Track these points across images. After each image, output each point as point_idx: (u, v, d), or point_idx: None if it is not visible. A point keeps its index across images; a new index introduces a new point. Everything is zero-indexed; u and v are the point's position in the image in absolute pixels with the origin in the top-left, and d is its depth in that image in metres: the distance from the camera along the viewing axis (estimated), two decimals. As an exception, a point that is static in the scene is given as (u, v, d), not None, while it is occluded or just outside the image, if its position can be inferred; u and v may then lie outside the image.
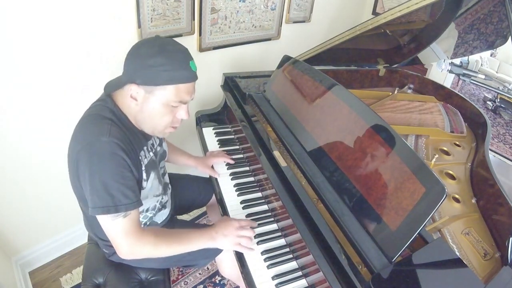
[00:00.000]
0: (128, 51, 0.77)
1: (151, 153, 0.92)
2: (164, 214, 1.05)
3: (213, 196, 1.31)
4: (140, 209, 0.86)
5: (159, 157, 0.99)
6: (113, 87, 0.82)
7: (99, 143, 0.73)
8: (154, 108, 0.79)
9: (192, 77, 0.79)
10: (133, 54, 0.76)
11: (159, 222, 1.04)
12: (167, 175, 1.09)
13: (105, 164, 0.74)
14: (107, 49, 1.28)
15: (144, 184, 0.88)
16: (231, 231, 0.92)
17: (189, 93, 0.81)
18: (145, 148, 0.89)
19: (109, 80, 0.87)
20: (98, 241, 1.01)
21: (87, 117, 0.81)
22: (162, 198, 1.01)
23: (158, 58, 0.73)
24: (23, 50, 1.09)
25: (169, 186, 1.09)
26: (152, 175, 0.91)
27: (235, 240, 0.91)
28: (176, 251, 0.87)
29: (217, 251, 1.03)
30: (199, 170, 1.22)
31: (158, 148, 0.98)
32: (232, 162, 1.23)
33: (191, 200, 1.29)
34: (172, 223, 1.10)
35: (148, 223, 1.00)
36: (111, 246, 0.97)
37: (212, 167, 1.22)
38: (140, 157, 0.85)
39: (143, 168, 0.86)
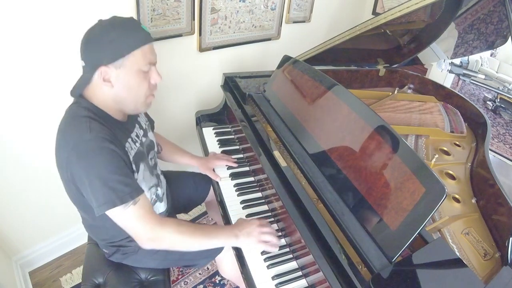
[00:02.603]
0: (81, 45, 0.77)
1: (137, 144, 0.91)
2: (161, 207, 1.04)
3: (211, 193, 1.30)
4: None
5: (147, 148, 0.98)
6: (80, 86, 0.81)
7: (83, 142, 0.73)
8: (129, 80, 0.79)
9: (149, 36, 0.81)
10: (88, 42, 0.76)
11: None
12: (158, 166, 1.08)
13: (96, 160, 0.73)
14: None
15: (135, 175, 0.86)
16: (254, 229, 0.92)
17: (153, 52, 0.83)
18: (129, 140, 0.88)
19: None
20: (98, 241, 1.01)
21: (64, 121, 0.80)
22: (157, 190, 1.00)
23: (112, 32, 0.74)
24: (22, 51, 1.09)
25: (161, 178, 1.08)
26: (142, 166, 0.90)
27: (259, 238, 0.91)
28: (199, 242, 0.86)
29: (217, 251, 1.03)
30: (201, 172, 1.22)
31: (144, 139, 0.97)
32: (235, 165, 1.22)
33: (188, 197, 1.28)
34: None
35: None
36: (112, 246, 0.98)
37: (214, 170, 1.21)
38: (126, 149, 0.84)
39: (131, 159, 0.85)
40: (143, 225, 0.79)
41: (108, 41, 0.74)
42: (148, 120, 1.09)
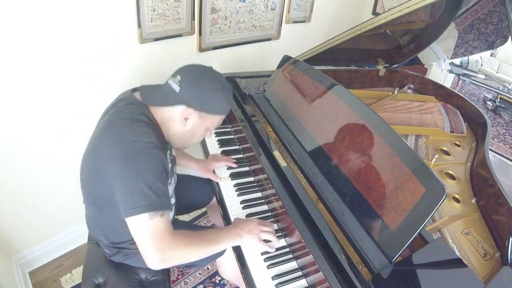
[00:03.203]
0: (185, 73, 0.84)
1: (169, 160, 0.92)
2: (171, 217, 1.04)
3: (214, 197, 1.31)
4: None
5: (173, 163, 1.00)
6: (157, 100, 0.86)
7: (139, 143, 0.75)
8: (198, 130, 0.90)
9: (230, 109, 0.96)
10: (196, 83, 0.83)
11: None
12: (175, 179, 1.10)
13: (147, 161, 0.75)
14: (107, 49, 1.28)
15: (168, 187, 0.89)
16: (256, 227, 0.92)
17: (221, 120, 0.94)
18: (166, 155, 0.89)
19: (132, 85, 0.91)
20: (101, 241, 1.00)
21: (119, 120, 0.80)
22: (171, 201, 1.01)
23: (219, 94, 0.86)
24: (21, 51, 1.09)
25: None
26: (172, 180, 0.95)
27: (260, 236, 0.92)
28: (207, 252, 0.85)
29: (219, 253, 1.03)
30: (200, 174, 1.22)
31: (172, 156, 0.99)
32: (234, 166, 1.22)
33: (191, 201, 1.29)
34: (174, 225, 1.09)
35: None
36: (114, 247, 0.98)
37: (214, 171, 1.21)
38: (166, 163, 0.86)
39: (169, 172, 0.88)
40: (158, 243, 0.75)
41: (212, 98, 0.85)
42: None
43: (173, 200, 1.04)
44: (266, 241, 0.93)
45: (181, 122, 0.86)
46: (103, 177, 0.78)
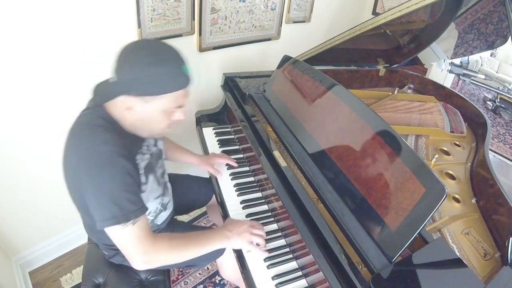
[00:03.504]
0: (119, 57, 0.73)
1: (147, 155, 0.89)
2: (165, 215, 1.04)
3: (214, 196, 1.31)
4: None
5: (155, 157, 0.97)
6: (103, 97, 0.80)
7: (96, 153, 0.72)
8: (153, 115, 0.78)
9: (187, 82, 0.77)
10: (126, 63, 0.72)
11: (159, 224, 1.03)
12: (166, 174, 1.07)
13: (107, 174, 0.72)
14: (107, 49, 1.28)
15: (143, 187, 0.86)
16: (245, 229, 0.92)
17: (186, 96, 0.80)
18: (140, 151, 0.86)
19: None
20: (99, 244, 1.01)
21: (79, 126, 0.78)
22: (163, 200, 1.00)
23: (153, 68, 0.71)
24: (21, 52, 1.09)
25: (168, 185, 1.08)
26: (151, 177, 0.90)
27: (249, 238, 0.91)
28: (193, 254, 0.85)
29: (218, 254, 1.03)
30: (202, 168, 1.21)
31: (154, 149, 0.96)
32: (235, 165, 1.22)
33: (191, 200, 1.28)
34: (172, 225, 1.10)
35: (149, 225, 0.99)
36: (112, 249, 0.97)
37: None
38: (137, 161, 0.83)
39: (142, 171, 0.84)
40: (137, 246, 0.76)
41: (145, 75, 0.71)
42: None
43: (167, 199, 1.02)
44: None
45: (128, 113, 0.77)
46: (75, 187, 0.78)
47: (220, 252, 1.03)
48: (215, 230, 0.93)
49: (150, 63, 0.71)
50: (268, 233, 0.99)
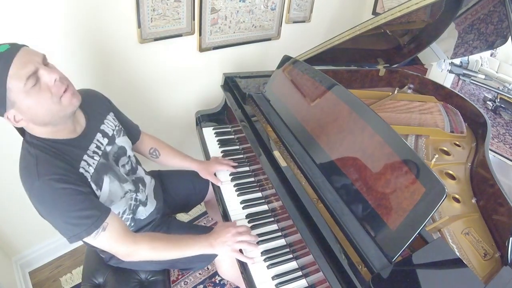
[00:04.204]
0: None
1: (96, 158, 0.85)
2: (147, 210, 1.02)
3: (211, 192, 1.29)
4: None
5: (114, 156, 0.93)
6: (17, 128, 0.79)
7: (35, 189, 0.73)
8: (28, 106, 0.69)
9: (9, 54, 0.66)
10: None
11: (142, 218, 1.01)
12: (140, 169, 1.04)
13: (53, 203, 0.73)
14: (107, 49, 1.28)
15: (98, 193, 0.84)
16: (229, 238, 0.92)
17: (25, 62, 0.67)
18: (85, 157, 0.82)
19: None
20: (95, 248, 1.01)
21: (20, 166, 0.78)
22: (137, 195, 0.98)
23: None
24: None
25: (146, 181, 1.05)
26: (107, 179, 0.86)
27: (233, 246, 0.91)
28: (174, 255, 0.89)
29: (213, 255, 1.03)
30: (202, 176, 1.20)
31: (108, 148, 0.91)
32: (234, 170, 1.20)
33: (186, 197, 1.26)
34: (167, 224, 1.10)
35: (132, 224, 0.99)
36: (107, 252, 0.97)
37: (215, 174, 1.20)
38: (81, 170, 0.80)
39: (90, 179, 0.81)
40: (117, 245, 0.82)
41: None
42: (121, 124, 1.01)
43: (142, 195, 1.00)
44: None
45: (23, 123, 0.73)
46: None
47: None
48: (201, 237, 0.94)
49: None
50: (268, 233, 0.99)
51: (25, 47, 0.70)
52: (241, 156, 1.29)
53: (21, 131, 0.80)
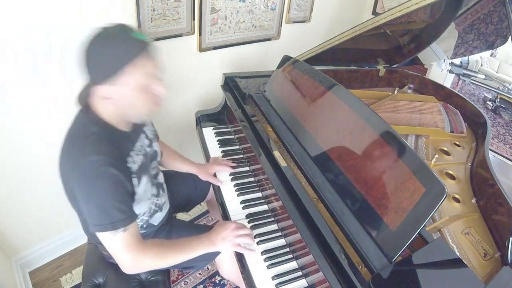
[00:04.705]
0: (79, 54, 0.72)
1: (140, 156, 0.88)
2: (160, 216, 1.04)
3: (212, 191, 1.29)
4: (136, 212, 0.86)
5: (150, 158, 0.96)
6: (85, 97, 0.79)
7: (87, 163, 0.72)
8: (129, 96, 0.74)
9: (141, 46, 0.71)
10: (82, 59, 0.71)
11: (155, 224, 1.03)
12: (161, 175, 1.07)
13: (97, 183, 0.73)
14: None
15: (136, 189, 0.86)
16: (229, 233, 0.92)
17: (151, 64, 0.74)
18: (132, 153, 0.85)
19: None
20: (97, 245, 1.01)
21: (72, 136, 0.79)
22: (157, 200, 0.99)
23: (100, 47, 0.69)
24: (21, 52, 1.09)
25: (164, 186, 1.07)
26: (144, 179, 0.89)
27: (234, 241, 0.92)
28: (179, 260, 0.88)
29: (215, 254, 1.03)
30: (201, 178, 1.20)
31: (148, 149, 0.95)
32: (233, 170, 1.21)
33: (188, 196, 1.27)
34: (170, 224, 1.10)
35: (144, 226, 1.00)
36: None
37: (215, 174, 1.20)
38: (128, 165, 0.82)
39: (134, 175, 0.84)
40: (127, 252, 0.80)
41: (97, 59, 0.69)
42: (155, 130, 1.07)
43: (162, 199, 1.02)
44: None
45: (107, 103, 0.75)
46: (69, 191, 0.80)
47: (217, 252, 1.03)
48: (202, 236, 0.94)
49: (95, 46, 0.69)
50: (268, 233, 0.99)
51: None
52: (241, 156, 1.29)
53: (84, 106, 0.80)
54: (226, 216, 1.06)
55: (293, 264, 0.91)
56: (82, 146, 0.75)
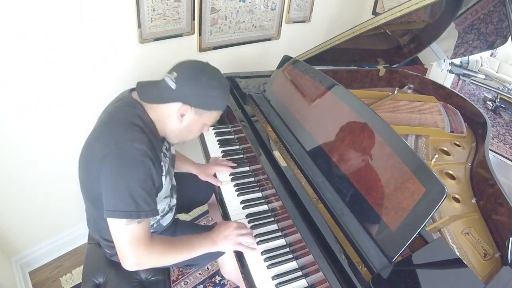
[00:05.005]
0: (181, 70, 0.84)
1: (167, 158, 0.94)
2: (170, 217, 1.05)
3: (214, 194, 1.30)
4: None
5: (171, 161, 1.00)
6: (153, 98, 0.85)
7: (131, 148, 0.76)
8: (195, 126, 0.90)
9: (227, 102, 0.93)
10: (193, 80, 0.83)
11: (164, 225, 1.04)
12: (174, 178, 1.08)
13: (134, 170, 0.76)
14: (107, 49, 1.28)
15: (163, 187, 0.90)
16: (231, 232, 0.93)
17: (220, 115, 0.93)
18: (162, 154, 0.90)
19: (137, 82, 0.91)
20: (101, 241, 1.01)
21: (114, 120, 0.82)
22: (170, 201, 1.01)
23: (217, 91, 0.85)
24: (21, 51, 1.09)
25: (175, 189, 1.08)
26: (168, 179, 0.93)
27: (235, 240, 0.92)
28: (181, 259, 0.88)
29: (218, 253, 1.03)
30: (201, 178, 1.20)
31: (168, 153, 0.99)
32: (233, 170, 1.21)
33: (191, 198, 1.28)
34: (174, 224, 1.10)
35: (155, 225, 1.00)
36: (113, 247, 0.98)
37: (215, 175, 1.20)
38: (162, 164, 0.87)
39: (164, 173, 0.89)
40: (134, 247, 0.79)
41: (209, 95, 0.84)
42: None
43: (173, 201, 1.04)
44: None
45: (178, 118, 0.85)
46: (95, 174, 0.80)
47: (221, 251, 1.03)
48: (204, 235, 0.94)
49: (212, 85, 0.85)
50: (268, 233, 0.99)
51: None
52: (241, 156, 1.29)
53: (145, 98, 0.86)
54: (226, 216, 1.06)
55: (293, 264, 0.91)
56: (126, 133, 0.78)
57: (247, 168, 1.23)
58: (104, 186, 0.77)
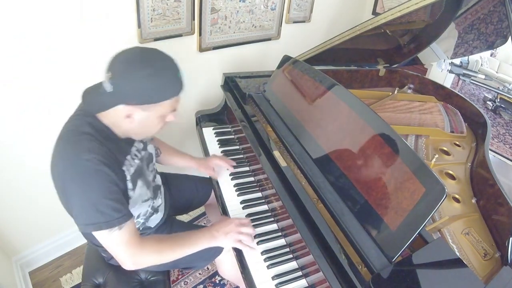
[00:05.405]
0: (113, 67, 0.74)
1: (136, 160, 0.89)
2: (157, 218, 1.04)
3: (212, 196, 1.30)
4: None
5: (146, 162, 0.96)
6: (98, 107, 0.79)
7: (80, 161, 0.72)
8: (149, 121, 0.81)
9: (182, 87, 0.81)
10: (124, 74, 0.73)
11: (152, 226, 1.03)
12: (158, 177, 1.06)
13: (90, 182, 0.73)
14: (107, 49, 1.28)
15: (131, 193, 0.86)
16: (232, 228, 0.92)
17: (179, 100, 0.83)
18: (128, 157, 0.86)
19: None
20: (97, 247, 1.01)
21: (66, 133, 0.79)
22: (153, 203, 0.99)
23: (153, 79, 0.73)
24: (21, 51, 1.09)
25: (162, 189, 1.07)
26: (140, 183, 0.89)
27: (236, 237, 0.92)
28: (180, 254, 0.87)
29: (216, 253, 1.03)
30: (201, 171, 1.21)
31: (143, 153, 0.95)
32: (232, 169, 1.21)
33: (189, 200, 1.28)
34: (170, 224, 1.10)
35: (140, 228, 1.00)
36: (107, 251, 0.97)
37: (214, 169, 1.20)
38: (123, 169, 0.82)
39: (128, 178, 0.84)
40: (125, 250, 0.79)
41: (146, 86, 0.73)
42: None
43: (158, 202, 1.02)
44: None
45: (127, 120, 0.78)
46: (61, 190, 0.79)
47: (218, 251, 1.03)
48: (203, 230, 0.94)
49: (149, 74, 0.73)
50: (268, 233, 0.99)
51: None
52: (241, 156, 1.29)
53: (89, 108, 0.81)
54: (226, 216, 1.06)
55: (293, 264, 0.91)
56: (75, 145, 0.75)
57: (247, 168, 1.23)
58: (72, 203, 0.76)
